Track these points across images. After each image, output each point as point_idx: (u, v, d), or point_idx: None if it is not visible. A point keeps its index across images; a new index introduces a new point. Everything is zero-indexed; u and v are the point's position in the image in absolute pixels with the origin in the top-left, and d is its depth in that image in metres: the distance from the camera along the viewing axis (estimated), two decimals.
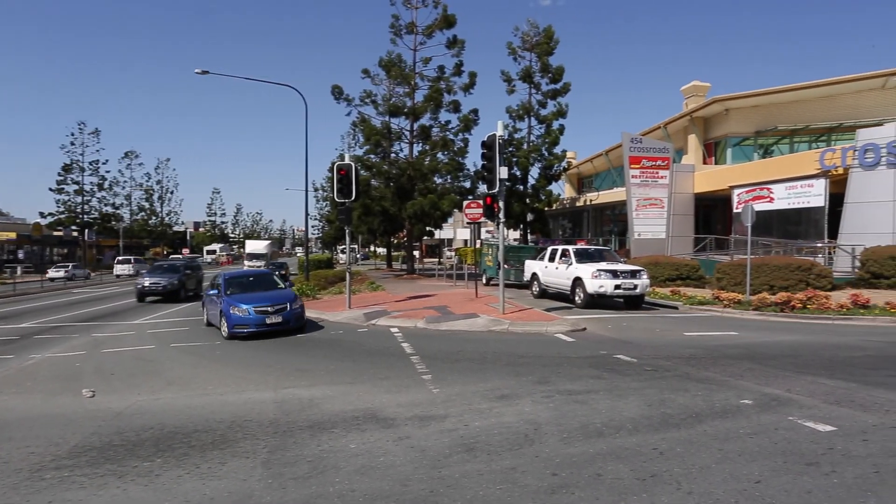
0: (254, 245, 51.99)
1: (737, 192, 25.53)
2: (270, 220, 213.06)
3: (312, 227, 77.50)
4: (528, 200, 34.32)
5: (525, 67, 33.57)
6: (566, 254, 17.45)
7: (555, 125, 33.56)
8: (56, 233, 56.01)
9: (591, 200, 37.28)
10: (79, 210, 56.69)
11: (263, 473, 4.58)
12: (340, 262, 51.73)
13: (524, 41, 33.59)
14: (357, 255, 63.67)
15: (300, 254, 70.56)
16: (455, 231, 74.48)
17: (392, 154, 32.59)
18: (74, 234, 58.25)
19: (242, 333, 12.16)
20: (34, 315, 18.61)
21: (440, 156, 31.59)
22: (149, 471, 4.74)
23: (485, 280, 24.83)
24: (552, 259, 18.15)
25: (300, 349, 10.83)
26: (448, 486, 4.18)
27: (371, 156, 32.12)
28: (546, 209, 35.90)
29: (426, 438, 5.30)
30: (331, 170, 30.83)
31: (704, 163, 32.20)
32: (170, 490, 4.33)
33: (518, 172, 33.81)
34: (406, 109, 31.27)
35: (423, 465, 4.61)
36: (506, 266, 17.94)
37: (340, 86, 30.81)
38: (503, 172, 13.41)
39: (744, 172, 26.50)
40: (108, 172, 64.97)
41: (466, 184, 33.22)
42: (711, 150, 33.01)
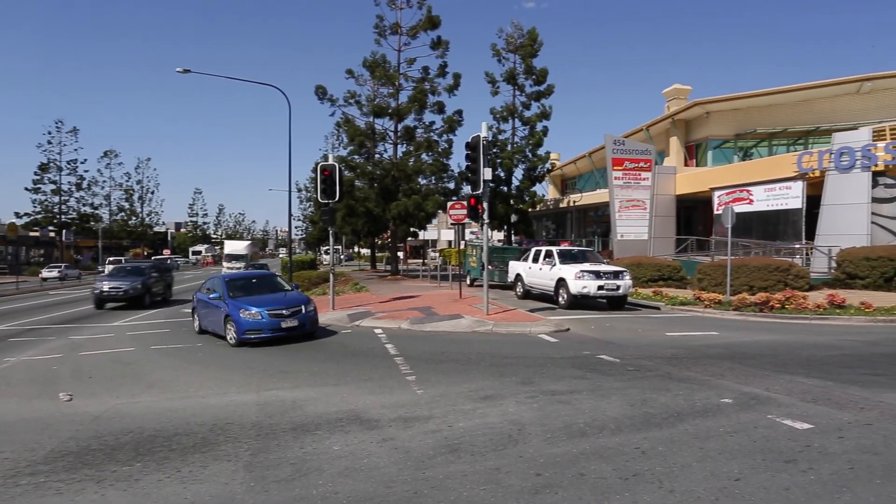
0: (233, 245, 49.18)
1: (717, 194, 25.93)
2: (253, 221, 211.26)
3: (296, 228, 76.89)
4: (513, 201, 34.47)
5: (509, 69, 33.71)
6: (550, 255, 17.55)
7: (539, 127, 33.75)
8: (32, 233, 54.83)
9: (575, 202, 37.56)
10: (56, 210, 55.62)
11: (245, 476, 4.53)
12: (324, 263, 51.37)
13: (508, 43, 33.73)
14: (341, 256, 63.35)
15: (283, 255, 70.03)
16: (439, 232, 74.46)
17: (376, 155, 32.50)
18: (52, 235, 57.11)
19: (255, 339, 11.25)
20: (9, 317, 18.20)
21: (424, 157, 31.55)
22: (128, 475, 4.66)
23: (469, 281, 24.86)
24: (536, 260, 18.25)
25: (283, 351, 10.74)
26: (432, 488, 4.18)
27: (355, 156, 31.98)
28: (530, 210, 36.08)
29: (410, 440, 5.29)
30: (314, 170, 30.61)
31: (686, 165, 32.63)
32: (149, 495, 4.26)
33: (502, 174, 33.94)
34: (390, 110, 31.19)
35: (408, 467, 4.61)
36: (490, 267, 18.00)
37: (324, 86, 30.67)
38: (487, 174, 13.45)
39: (724, 174, 26.92)
40: (87, 172, 63.72)
41: (451, 185, 33.21)
42: (692, 153, 33.46)
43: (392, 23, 31.04)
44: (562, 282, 16.19)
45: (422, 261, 54.86)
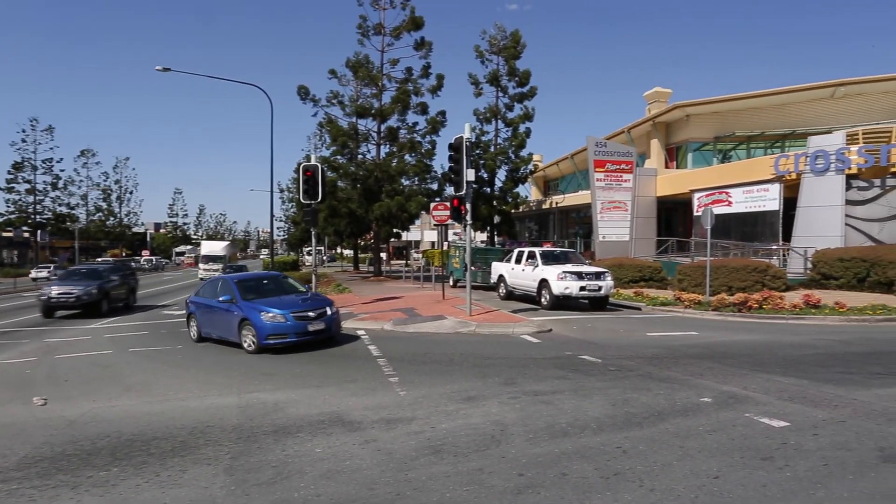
0: (210, 246, 46.72)
1: (697, 196, 26.31)
2: (235, 222, 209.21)
3: (278, 229, 76.26)
4: (495, 203, 34.57)
5: (492, 71, 33.82)
6: (532, 256, 17.64)
7: (521, 128, 33.92)
8: (6, 233, 53.60)
9: (557, 203, 37.82)
10: (31, 210, 54.39)
11: (226, 480, 4.48)
12: (306, 264, 51.01)
13: (491, 45, 33.86)
14: (323, 257, 62.84)
15: (265, 256, 69.33)
16: (422, 233, 74.40)
17: (359, 155, 32.35)
18: (26, 236, 55.84)
19: (279, 345, 10.40)
20: None
21: (408, 157, 31.50)
22: (105, 480, 4.57)
23: (452, 282, 24.86)
24: (519, 261, 18.32)
25: (265, 352, 10.62)
26: (415, 489, 4.17)
27: (338, 157, 31.81)
28: (513, 211, 36.24)
29: (393, 441, 5.28)
30: (297, 171, 30.43)
31: (666, 167, 33.07)
32: (127, 500, 4.19)
33: (485, 175, 34.03)
34: (373, 111, 31.10)
35: (390, 468, 4.59)
36: (473, 268, 18.03)
37: (307, 86, 30.45)
38: (470, 175, 13.48)
39: (703, 177, 27.33)
40: (63, 171, 62.63)
41: (434, 186, 33.22)
42: (673, 155, 33.92)
43: (375, 23, 30.95)
44: (544, 283, 16.28)
45: (405, 262, 54.80)
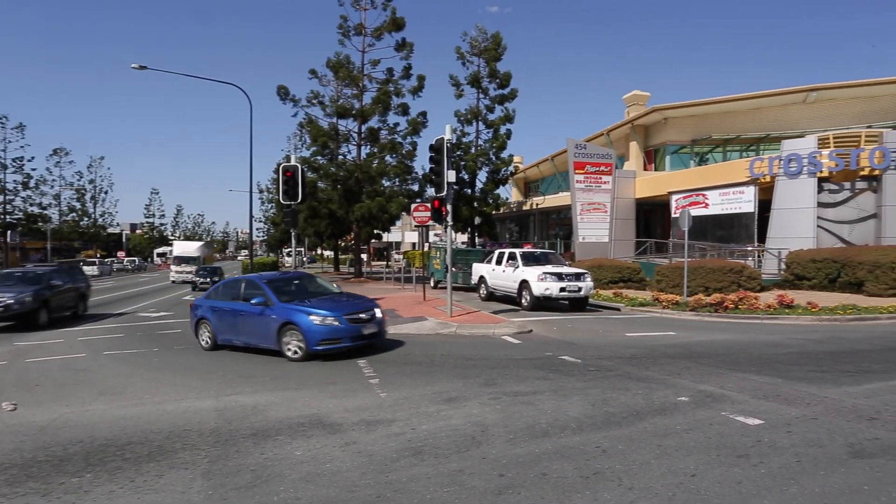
0: (183, 247, 44.17)
1: (675, 198, 26.71)
2: (213, 223, 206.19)
3: (257, 230, 75.38)
4: (476, 204, 34.69)
5: (473, 72, 33.95)
6: (513, 257, 17.72)
7: (502, 130, 34.12)
8: None
9: (538, 204, 38.07)
10: (0, 210, 52.96)
11: (204, 485, 4.41)
12: (286, 266, 50.57)
13: (473, 46, 33.99)
14: (304, 258, 62.38)
15: (244, 257, 68.49)
16: (403, 234, 74.33)
17: (340, 156, 32.22)
18: None
19: (331, 350, 9.64)
20: None
21: (388, 158, 31.45)
22: (77, 487, 4.46)
23: (433, 283, 24.87)
24: (499, 262, 18.39)
25: (243, 355, 10.48)
26: (395, 491, 4.16)
27: (318, 157, 31.63)
28: (493, 213, 36.39)
29: (373, 443, 5.25)
30: (276, 171, 30.14)
31: (645, 169, 33.50)
32: None
33: (466, 176, 34.15)
34: (354, 111, 30.98)
35: (371, 471, 4.57)
36: (454, 269, 18.05)
37: (286, 86, 30.27)
38: (451, 176, 13.50)
39: (681, 179, 27.75)
40: (35, 170, 61.00)
41: (415, 187, 33.23)
42: (651, 157, 34.39)
43: (356, 24, 30.88)
44: (525, 284, 16.37)
45: (386, 263, 54.64)
